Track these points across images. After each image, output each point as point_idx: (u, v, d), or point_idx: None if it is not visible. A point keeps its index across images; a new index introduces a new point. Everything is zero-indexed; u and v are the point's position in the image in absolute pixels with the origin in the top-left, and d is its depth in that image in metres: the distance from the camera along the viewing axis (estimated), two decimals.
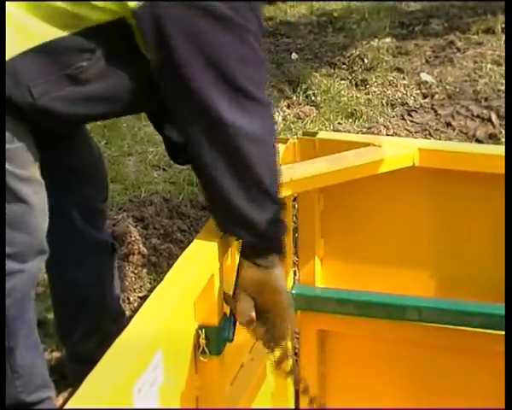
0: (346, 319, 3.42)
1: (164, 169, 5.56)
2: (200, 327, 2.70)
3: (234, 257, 2.91)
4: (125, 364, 2.22)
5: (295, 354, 3.72)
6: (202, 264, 2.65)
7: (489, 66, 6.13)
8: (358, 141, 3.44)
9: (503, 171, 3.07)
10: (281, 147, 3.28)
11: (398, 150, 3.29)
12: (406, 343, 3.47)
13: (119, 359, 2.23)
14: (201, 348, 2.69)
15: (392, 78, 6.26)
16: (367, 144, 3.33)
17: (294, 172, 3.17)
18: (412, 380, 3.50)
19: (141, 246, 4.61)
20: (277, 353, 2.92)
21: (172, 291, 2.54)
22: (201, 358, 2.69)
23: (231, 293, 2.79)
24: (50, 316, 4.14)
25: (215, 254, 2.72)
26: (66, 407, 2.04)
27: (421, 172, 3.27)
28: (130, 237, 4.67)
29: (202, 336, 2.68)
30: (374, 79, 6.30)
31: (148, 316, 2.43)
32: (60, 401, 3.46)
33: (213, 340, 2.71)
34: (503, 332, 3.23)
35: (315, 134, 3.46)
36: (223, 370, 2.84)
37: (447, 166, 3.27)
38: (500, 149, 3.69)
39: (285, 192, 3.08)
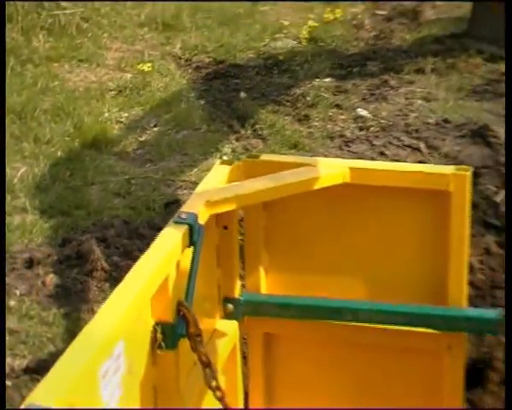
0: (289, 322, 3.52)
1: (123, 196, 5.55)
2: (157, 323, 2.79)
3: (187, 262, 2.96)
4: (91, 351, 2.30)
5: (244, 357, 3.78)
6: (158, 267, 2.72)
7: (419, 102, 6.20)
8: (296, 162, 3.53)
9: (424, 185, 3.28)
10: (228, 168, 3.45)
11: (330, 169, 3.39)
12: (344, 344, 3.53)
13: (85, 347, 2.30)
14: (158, 343, 2.79)
15: (331, 113, 6.30)
16: (303, 164, 3.44)
17: (239, 189, 3.27)
18: (352, 378, 3.56)
19: (103, 263, 4.62)
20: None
21: (131, 290, 2.60)
22: (158, 351, 2.79)
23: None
24: (22, 326, 4.26)
25: (170, 259, 2.80)
26: (35, 390, 2.09)
27: (352, 188, 3.35)
28: (94, 255, 4.69)
29: (159, 331, 2.78)
30: (315, 115, 6.33)
31: (110, 311, 2.51)
32: None
33: (169, 335, 2.79)
34: (431, 330, 3.42)
35: (257, 156, 3.57)
36: (178, 363, 2.92)
37: (374, 183, 3.38)
38: (421, 167, 3.87)
39: (231, 207, 3.26)
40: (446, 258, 3.38)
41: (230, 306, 3.49)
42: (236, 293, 3.53)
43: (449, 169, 3.37)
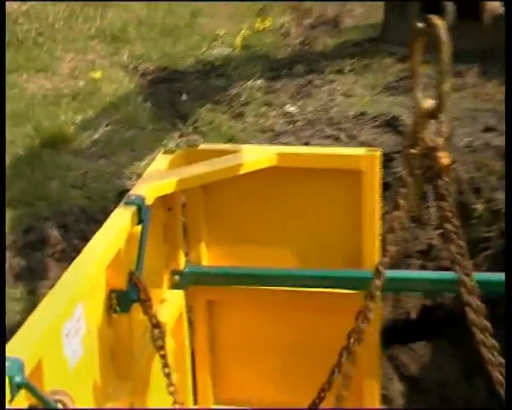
0: (228, 289, 3.60)
1: (80, 188, 5.53)
2: (112, 290, 2.86)
3: (136, 238, 3.01)
4: (54, 312, 2.38)
5: (190, 324, 3.80)
6: (111, 241, 2.80)
7: (339, 98, 6.23)
8: (229, 149, 3.61)
9: (339, 166, 3.36)
10: (170, 157, 3.51)
11: (259, 155, 3.48)
12: (277, 307, 3.58)
13: (49, 309, 2.38)
14: (113, 308, 2.87)
15: (262, 110, 6.33)
16: (236, 151, 3.52)
17: (180, 174, 3.33)
18: (284, 336, 3.60)
19: (63, 245, 4.65)
20: None
21: (87, 260, 2.67)
22: (114, 315, 2.87)
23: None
24: None
25: (121, 235, 2.87)
26: (8, 345, 2.15)
27: (279, 170, 3.42)
28: (55, 239, 4.74)
29: (114, 297, 2.86)
30: (248, 112, 6.36)
31: (69, 279, 2.57)
32: None
33: (122, 301, 2.87)
34: (350, 290, 3.47)
35: (196, 146, 3.66)
36: (131, 326, 2.98)
37: (297, 165, 3.46)
38: (336, 150, 3.96)
39: (173, 189, 3.31)
40: (361, 228, 3.44)
41: (177, 277, 3.54)
42: (181, 266, 3.57)
43: (360, 151, 3.45)
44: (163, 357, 3.09)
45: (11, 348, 2.16)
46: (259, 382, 3.72)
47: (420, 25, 2.34)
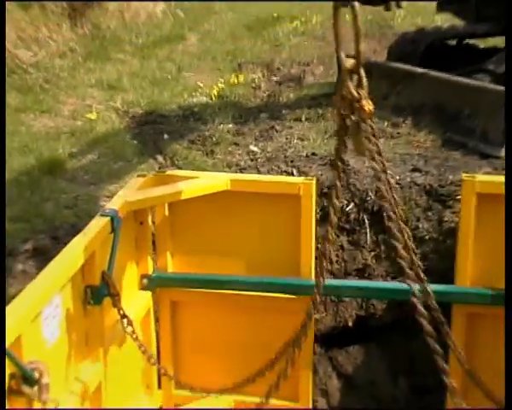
0: (189, 292, 3.66)
1: (71, 208, 5.49)
2: (87, 286, 2.96)
3: (109, 244, 3.08)
4: (34, 299, 2.48)
5: (156, 320, 3.84)
6: (86, 244, 2.86)
7: (295, 141, 6.23)
8: (192, 175, 3.66)
9: (283, 191, 3.43)
10: (142, 179, 3.58)
11: (216, 180, 3.55)
12: (231, 308, 3.64)
13: (29, 296, 2.47)
14: (88, 300, 2.97)
15: (230, 149, 6.32)
16: (197, 177, 3.61)
17: (149, 194, 3.43)
18: (238, 333, 3.67)
19: (54, 253, 4.50)
20: None
21: (65, 259, 2.77)
22: (88, 307, 2.97)
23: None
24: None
25: (96, 239, 2.94)
26: None
27: (234, 193, 3.51)
28: (47, 248, 4.68)
29: (88, 292, 2.96)
30: (218, 150, 6.34)
31: (50, 272, 2.66)
32: None
33: (95, 294, 2.96)
34: (291, 295, 3.55)
35: (164, 171, 3.73)
36: (103, 316, 3.07)
37: (248, 190, 3.53)
38: (280, 178, 4.02)
39: (143, 206, 3.41)
40: (300, 243, 3.51)
41: (145, 280, 3.60)
42: (150, 271, 3.63)
43: (299, 179, 3.55)
44: (136, 339, 3.18)
45: None
46: (214, 371, 3.75)
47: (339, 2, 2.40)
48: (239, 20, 12.97)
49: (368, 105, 2.42)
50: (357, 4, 2.36)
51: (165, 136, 7.07)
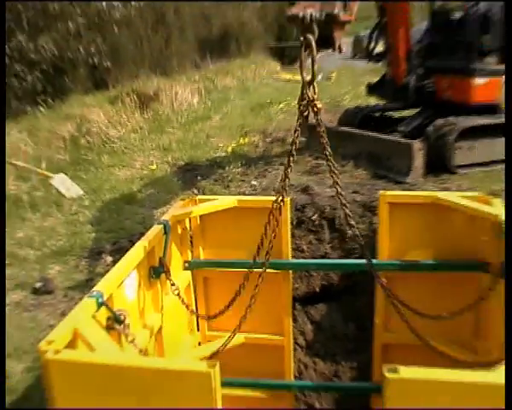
0: (214, 271, 3.53)
1: (141, 223, 5.51)
2: (151, 266, 2.90)
3: (163, 240, 3.00)
4: (121, 273, 2.48)
5: (194, 290, 3.62)
6: (151, 240, 2.83)
7: (279, 178, 6.11)
8: (212, 198, 3.58)
9: (270, 206, 3.00)
10: (183, 201, 3.51)
11: (229, 200, 3.47)
12: (241, 281, 3.11)
13: (116, 272, 2.46)
14: (151, 275, 2.94)
15: (239, 183, 6.27)
16: (217, 199, 3.52)
17: (188, 210, 3.39)
18: (247, 298, 3.11)
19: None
20: None
21: (138, 250, 2.71)
22: (151, 279, 2.94)
23: None
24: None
25: (154, 239, 2.88)
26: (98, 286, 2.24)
27: (240, 209, 3.42)
28: (128, 247, 4.40)
29: (151, 270, 2.92)
30: (231, 185, 6.28)
31: (128, 257, 2.62)
32: None
33: (155, 272, 2.94)
34: (274, 270, 3.33)
35: (196, 196, 3.60)
36: (161, 285, 3.01)
37: (247, 206, 3.44)
38: (266, 198, 3.55)
39: (184, 217, 3.33)
40: (281, 238, 3.36)
41: (186, 264, 3.51)
42: (189, 258, 3.55)
43: (279, 198, 3.39)
44: (182, 300, 3.05)
45: (98, 286, 2.28)
46: (231, 320, 3.38)
47: (302, 39, 2.45)
48: (245, 104, 12.88)
49: (319, 104, 2.47)
50: (312, 38, 2.42)
51: (199, 177, 7.07)
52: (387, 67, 7.27)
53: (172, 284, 3.02)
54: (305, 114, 2.53)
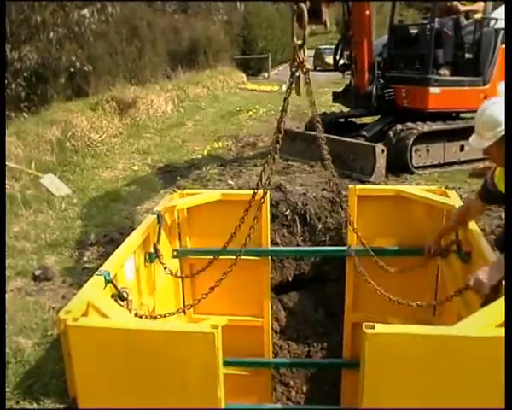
0: (200, 259, 3.52)
1: (128, 218, 5.48)
2: (146, 252, 2.96)
3: (156, 228, 3.05)
4: (121, 257, 2.53)
5: (181, 276, 3.53)
6: (145, 230, 2.91)
7: (253, 177, 6.03)
8: (199, 192, 3.67)
9: (247, 199, 2.97)
10: (172, 195, 3.56)
11: (213, 194, 3.57)
12: (225, 268, 2.98)
13: (118, 256, 2.53)
14: (146, 260, 2.97)
15: (216, 183, 6.26)
16: (203, 193, 3.63)
17: (177, 202, 3.47)
18: (231, 283, 3.09)
19: (121, 242, 4.55)
20: None
21: (134, 238, 2.78)
22: (146, 263, 2.98)
23: None
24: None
25: (148, 228, 2.95)
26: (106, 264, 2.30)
27: (223, 201, 3.49)
28: (118, 239, 4.52)
29: (146, 255, 2.98)
30: (209, 184, 6.20)
31: (125, 245, 2.69)
32: None
33: (150, 257, 3.02)
34: (256, 257, 3.38)
35: (184, 190, 3.73)
36: (154, 268, 3.07)
37: (228, 199, 3.46)
38: (246, 191, 3.74)
39: (174, 209, 3.36)
40: (261, 226, 3.37)
41: (175, 252, 3.55)
42: (177, 247, 3.60)
43: (260, 192, 3.17)
44: (173, 276, 3.11)
45: (105, 266, 2.35)
46: (215, 303, 3.55)
47: (295, 7, 2.52)
48: (216, 112, 12.80)
49: (308, 65, 2.56)
50: (303, 6, 2.48)
51: (178, 177, 7.03)
52: (351, 77, 7.38)
53: (165, 268, 3.10)
54: (297, 74, 2.60)
